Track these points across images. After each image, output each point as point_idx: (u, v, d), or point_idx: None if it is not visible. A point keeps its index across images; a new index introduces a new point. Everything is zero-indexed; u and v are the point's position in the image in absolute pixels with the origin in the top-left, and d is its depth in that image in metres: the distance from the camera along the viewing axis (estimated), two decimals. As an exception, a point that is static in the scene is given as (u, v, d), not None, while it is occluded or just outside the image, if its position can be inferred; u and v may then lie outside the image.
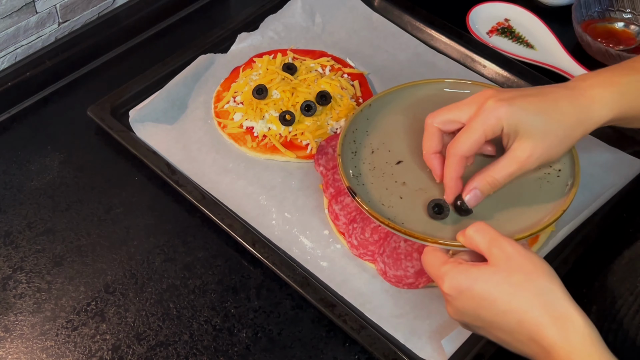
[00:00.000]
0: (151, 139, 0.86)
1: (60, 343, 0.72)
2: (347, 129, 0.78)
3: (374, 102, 0.81)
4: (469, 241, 0.63)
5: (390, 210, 0.72)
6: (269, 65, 0.92)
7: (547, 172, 0.74)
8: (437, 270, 0.62)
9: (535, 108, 0.64)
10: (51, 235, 0.80)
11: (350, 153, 0.77)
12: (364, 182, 0.75)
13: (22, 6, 0.90)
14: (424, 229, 0.69)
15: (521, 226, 0.69)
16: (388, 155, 0.77)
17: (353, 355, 0.71)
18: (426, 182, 0.74)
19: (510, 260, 0.59)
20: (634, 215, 0.81)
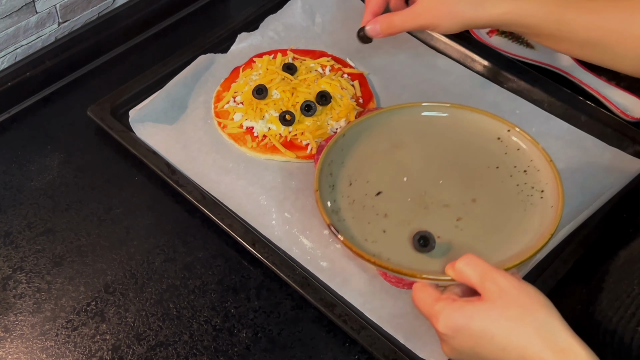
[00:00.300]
0: (151, 139, 0.86)
1: (60, 343, 0.72)
2: (322, 162, 0.75)
3: (348, 131, 0.78)
4: (459, 275, 0.61)
5: (375, 246, 0.70)
6: (269, 65, 0.92)
7: (529, 193, 0.72)
8: (430, 308, 0.60)
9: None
10: (51, 235, 0.80)
11: (327, 187, 0.74)
12: (345, 217, 0.72)
13: (22, 6, 0.90)
14: (410, 263, 0.68)
15: (510, 253, 0.67)
16: (367, 186, 0.75)
17: (353, 355, 0.71)
18: (409, 213, 0.72)
19: (505, 294, 0.57)
20: (634, 215, 0.81)
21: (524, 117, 0.90)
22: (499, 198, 0.73)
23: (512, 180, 0.74)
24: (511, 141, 0.77)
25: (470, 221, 0.71)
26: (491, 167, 0.76)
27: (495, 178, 0.75)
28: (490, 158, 0.76)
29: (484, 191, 0.73)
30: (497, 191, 0.73)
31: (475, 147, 0.77)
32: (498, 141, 0.77)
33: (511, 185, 0.74)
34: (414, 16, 0.76)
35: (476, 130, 0.78)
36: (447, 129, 0.79)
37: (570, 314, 0.67)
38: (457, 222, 0.71)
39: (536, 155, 0.75)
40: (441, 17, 0.75)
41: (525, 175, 0.74)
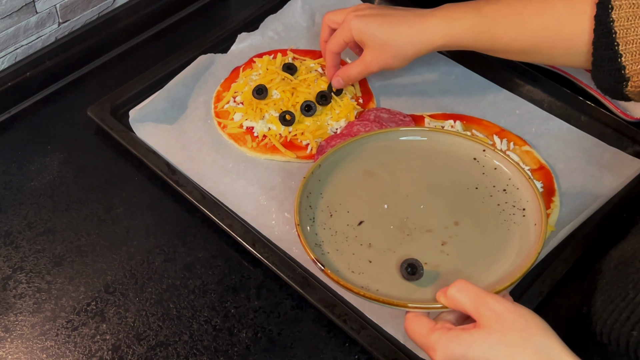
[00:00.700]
0: (151, 139, 0.86)
1: (60, 343, 0.72)
2: (300, 194, 0.73)
3: (324, 162, 0.76)
4: (452, 302, 0.60)
5: (362, 278, 0.68)
6: (269, 65, 0.92)
7: (511, 212, 0.72)
8: (426, 339, 0.59)
9: (378, 26, 0.80)
10: (51, 235, 0.80)
11: (308, 220, 0.72)
12: (328, 250, 0.70)
13: (22, 6, 0.90)
14: (399, 292, 0.66)
15: (498, 274, 0.67)
16: (347, 216, 0.73)
17: (353, 355, 0.71)
18: (393, 241, 0.71)
19: (501, 319, 0.56)
20: (633, 215, 0.81)
21: (523, 117, 0.90)
22: (481, 219, 0.72)
23: (492, 200, 0.73)
24: (487, 161, 0.76)
25: (455, 245, 0.70)
26: (470, 188, 0.75)
27: (476, 199, 0.74)
28: (469, 179, 0.75)
29: (466, 213, 0.72)
30: (479, 212, 0.72)
31: (453, 169, 0.76)
32: (474, 162, 0.77)
33: (492, 205, 0.73)
34: (365, 66, 0.84)
35: (453, 153, 0.77)
36: (424, 153, 0.78)
37: (567, 314, 0.67)
38: (443, 247, 0.70)
39: (514, 173, 0.74)
40: (388, 60, 0.82)
41: (505, 194, 0.73)
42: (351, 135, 0.85)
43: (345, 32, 0.82)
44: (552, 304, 0.72)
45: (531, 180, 0.72)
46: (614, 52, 0.68)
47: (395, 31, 0.80)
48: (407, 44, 0.80)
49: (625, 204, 0.81)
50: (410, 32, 0.79)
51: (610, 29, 0.68)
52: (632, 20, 0.67)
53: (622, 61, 0.68)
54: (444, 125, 0.87)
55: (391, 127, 0.86)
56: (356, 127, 0.86)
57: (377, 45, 0.81)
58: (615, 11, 0.68)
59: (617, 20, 0.68)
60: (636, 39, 0.67)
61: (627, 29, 0.67)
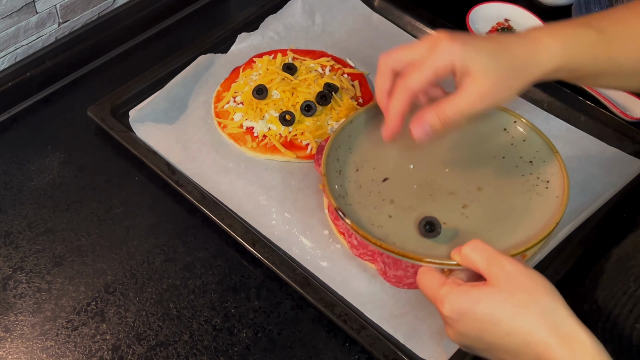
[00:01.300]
0: (151, 139, 0.86)
1: (60, 343, 0.72)
2: (330, 147, 0.75)
3: (355, 118, 0.78)
4: (465, 260, 0.61)
5: (380, 230, 0.70)
6: (269, 65, 0.92)
7: (535, 183, 0.73)
8: (436, 292, 0.60)
9: (487, 49, 0.65)
10: (51, 235, 0.80)
11: (335, 172, 0.75)
12: (351, 202, 0.73)
13: (22, 6, 0.90)
14: (415, 247, 0.68)
15: (515, 241, 0.68)
16: (373, 172, 0.75)
17: (353, 355, 0.71)
18: (414, 200, 0.73)
19: (511, 280, 0.57)
20: (633, 215, 0.81)
21: (523, 117, 0.90)
22: (504, 187, 0.73)
23: (518, 170, 0.75)
24: (517, 132, 0.78)
25: (476, 209, 0.72)
26: (497, 157, 0.77)
27: (501, 168, 0.75)
28: (497, 148, 0.77)
29: (490, 180, 0.74)
30: (503, 180, 0.74)
31: (482, 137, 0.78)
32: (504, 132, 0.78)
33: (517, 175, 0.74)
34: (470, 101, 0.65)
35: (483, 121, 0.78)
36: None
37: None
38: (463, 210, 0.72)
39: (542, 147, 0.76)
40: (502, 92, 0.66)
41: (531, 166, 0.75)
42: (351, 135, 0.85)
43: (443, 61, 0.64)
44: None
45: (558, 154, 0.74)
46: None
47: (508, 53, 0.65)
48: (523, 68, 0.66)
49: (625, 204, 0.81)
50: (524, 54, 0.66)
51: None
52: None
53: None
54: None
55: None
56: (356, 127, 0.86)
57: (488, 72, 0.64)
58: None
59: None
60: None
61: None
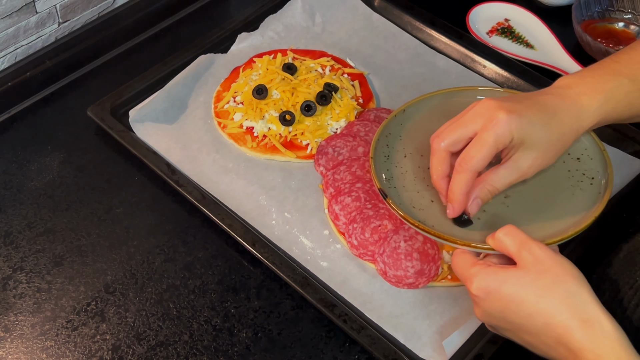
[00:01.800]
0: (151, 139, 0.86)
1: (60, 343, 0.72)
2: (380, 134, 0.78)
3: (408, 108, 0.80)
4: (498, 244, 0.62)
5: (421, 213, 0.71)
6: (269, 65, 0.92)
7: (580, 179, 0.73)
8: (466, 271, 0.62)
9: (540, 120, 0.64)
10: (51, 235, 0.80)
11: (383, 157, 0.77)
12: (396, 185, 0.75)
13: (22, 6, 0.90)
14: (452, 231, 0.69)
15: (551, 232, 0.69)
16: (420, 160, 0.77)
17: (353, 355, 0.71)
18: None
19: (539, 263, 0.59)
20: (633, 215, 0.81)
21: (524, 117, 0.90)
22: (548, 181, 0.74)
23: (564, 165, 0.75)
24: None
25: (517, 199, 0.72)
26: None
27: None
28: None
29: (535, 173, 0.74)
30: (548, 174, 0.74)
31: None
32: None
33: (563, 170, 0.75)
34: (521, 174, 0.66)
35: None
36: None
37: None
38: (504, 199, 0.72)
39: (590, 144, 0.76)
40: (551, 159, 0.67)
41: (578, 162, 0.75)
42: (351, 135, 0.85)
43: (503, 135, 0.63)
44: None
45: (606, 153, 0.74)
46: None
47: (558, 122, 0.65)
48: (570, 133, 0.66)
49: (625, 204, 0.81)
50: (570, 119, 0.66)
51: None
52: None
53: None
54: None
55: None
56: (356, 127, 0.86)
57: (541, 144, 0.65)
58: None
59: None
60: None
61: None
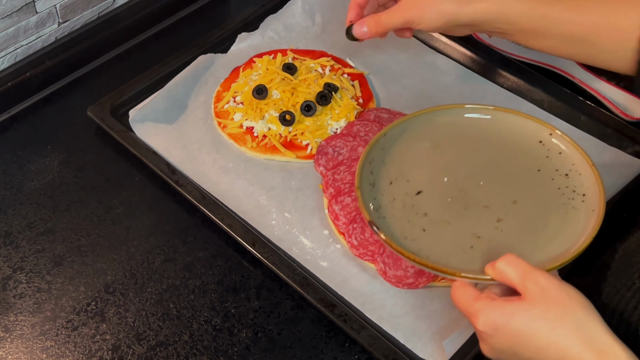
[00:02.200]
0: (151, 139, 0.86)
1: (60, 343, 0.72)
2: (363, 160, 0.75)
3: (389, 130, 0.78)
4: (500, 275, 0.60)
5: (414, 244, 0.69)
6: (269, 65, 0.92)
7: (571, 197, 0.72)
8: (470, 307, 0.60)
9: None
10: (51, 235, 0.80)
11: (368, 185, 0.74)
12: (385, 215, 0.72)
13: (22, 6, 0.90)
14: (449, 261, 0.67)
15: (550, 255, 0.67)
16: (407, 185, 0.75)
17: (353, 355, 0.71)
18: (448, 213, 0.72)
19: (546, 294, 0.57)
20: (633, 215, 0.81)
21: (524, 117, 0.90)
22: (539, 201, 0.72)
23: (553, 183, 0.74)
24: (553, 144, 0.76)
25: (511, 222, 0.71)
26: (532, 169, 0.75)
27: (537, 181, 0.74)
28: (532, 161, 0.76)
29: (525, 193, 0.73)
30: (538, 194, 0.73)
31: (517, 150, 0.77)
32: (540, 144, 0.77)
33: (552, 189, 0.73)
34: (399, 12, 0.78)
35: (518, 133, 0.78)
36: (488, 131, 0.79)
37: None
38: (498, 223, 0.70)
39: (578, 159, 0.74)
40: (425, 11, 0.76)
41: (566, 179, 0.74)
42: (351, 135, 0.85)
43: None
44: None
45: (594, 168, 0.73)
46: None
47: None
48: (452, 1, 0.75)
49: (625, 204, 0.81)
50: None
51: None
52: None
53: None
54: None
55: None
56: (356, 127, 0.86)
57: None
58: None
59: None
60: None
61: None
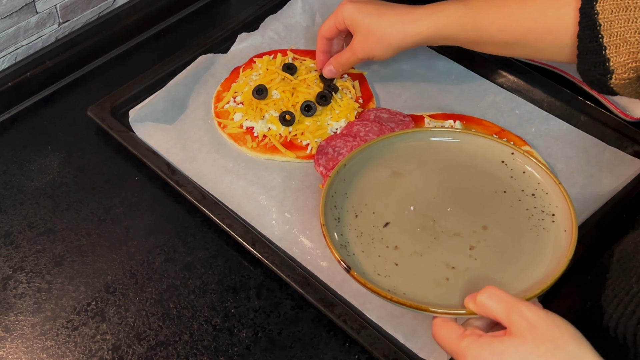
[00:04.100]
0: (151, 139, 0.86)
1: (60, 343, 0.72)
2: (326, 194, 0.72)
3: (349, 161, 0.75)
4: (482, 309, 0.58)
5: (388, 281, 0.67)
6: (269, 65, 0.92)
7: (540, 217, 0.71)
8: (456, 346, 0.58)
9: (367, 13, 0.82)
10: (51, 235, 0.80)
11: (333, 220, 0.71)
12: (354, 251, 0.69)
13: (23, 6, 0.90)
14: (426, 296, 0.65)
15: (528, 282, 0.65)
16: (373, 217, 0.72)
17: (353, 355, 0.71)
18: (419, 244, 0.70)
19: (534, 328, 0.55)
20: (633, 215, 0.81)
21: (523, 117, 0.90)
22: (510, 224, 0.71)
23: (521, 204, 0.72)
24: (516, 164, 0.75)
25: (484, 250, 0.69)
26: (498, 191, 0.74)
27: (504, 203, 0.73)
28: (497, 182, 0.74)
29: (494, 217, 0.71)
30: (508, 217, 0.71)
31: (481, 172, 0.76)
32: (503, 165, 0.76)
33: (521, 210, 0.72)
34: (352, 53, 0.85)
35: (480, 155, 0.77)
36: (451, 154, 0.77)
37: (568, 313, 0.67)
38: (470, 251, 0.69)
39: (543, 178, 0.73)
40: (373, 47, 0.83)
41: (534, 199, 0.72)
42: (351, 135, 0.85)
43: (338, 17, 0.84)
44: (552, 304, 0.73)
45: (561, 185, 0.71)
46: (599, 45, 0.68)
47: (383, 19, 0.81)
48: (392, 33, 0.81)
49: (625, 204, 0.81)
50: (396, 21, 0.81)
51: (594, 21, 0.68)
52: (616, 13, 0.67)
53: (606, 53, 0.68)
54: (444, 125, 0.87)
55: (391, 127, 0.86)
56: (356, 127, 0.86)
57: (364, 31, 0.82)
58: (600, 3, 0.68)
59: (602, 12, 0.68)
60: (620, 31, 0.67)
61: (611, 21, 0.67)
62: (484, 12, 0.77)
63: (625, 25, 0.67)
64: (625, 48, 0.67)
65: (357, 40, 0.84)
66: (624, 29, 0.67)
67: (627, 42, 0.67)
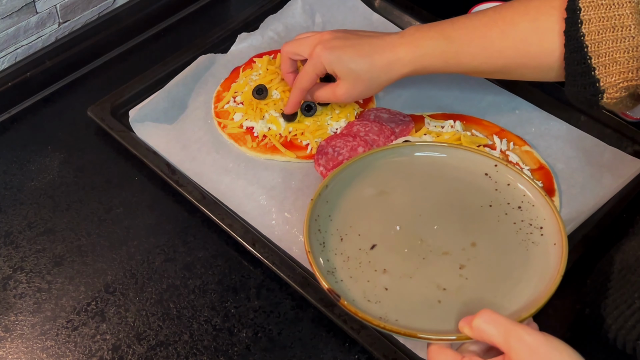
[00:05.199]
0: (151, 139, 0.86)
1: (60, 343, 0.72)
2: (309, 218, 0.69)
3: (331, 181, 0.72)
4: (479, 333, 0.57)
5: (379, 307, 0.64)
6: (269, 65, 0.92)
7: (529, 231, 0.69)
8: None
9: (349, 58, 0.79)
10: (51, 235, 0.80)
11: (318, 245, 0.68)
12: (342, 277, 0.66)
13: (23, 6, 0.90)
14: (419, 321, 0.62)
15: (521, 300, 0.63)
16: (359, 240, 0.69)
17: (353, 355, 0.71)
18: (408, 266, 0.67)
19: (534, 353, 0.54)
20: (633, 215, 0.81)
21: (523, 117, 0.90)
22: (498, 239, 0.69)
23: (508, 218, 0.70)
24: (500, 176, 0.73)
25: (474, 268, 0.67)
26: (484, 206, 0.71)
27: (491, 217, 0.70)
28: (482, 196, 0.72)
29: (482, 233, 0.69)
30: (496, 231, 0.69)
31: (466, 186, 0.74)
32: (486, 177, 0.74)
33: (508, 224, 0.70)
34: (336, 97, 0.82)
35: (464, 169, 0.75)
36: (435, 169, 0.75)
37: (567, 314, 0.67)
38: (461, 271, 0.66)
39: (529, 189, 0.71)
40: (363, 91, 0.82)
41: (520, 212, 0.70)
42: (351, 135, 0.85)
43: (317, 66, 0.80)
44: (552, 305, 0.73)
45: (547, 197, 0.70)
46: (587, 66, 0.68)
47: (368, 63, 0.79)
48: (379, 75, 0.79)
49: (625, 204, 0.81)
50: (381, 62, 0.78)
51: (581, 44, 0.68)
52: (602, 34, 0.66)
53: (596, 74, 0.68)
54: (444, 125, 0.87)
55: (391, 127, 0.86)
56: (356, 127, 0.86)
57: (351, 78, 0.79)
58: (585, 25, 0.67)
59: (588, 34, 0.67)
60: (608, 51, 0.67)
61: (598, 43, 0.67)
62: (465, 46, 0.76)
63: (613, 45, 0.66)
64: (615, 68, 0.67)
65: (343, 87, 0.80)
66: (612, 49, 0.66)
67: (616, 62, 0.66)
